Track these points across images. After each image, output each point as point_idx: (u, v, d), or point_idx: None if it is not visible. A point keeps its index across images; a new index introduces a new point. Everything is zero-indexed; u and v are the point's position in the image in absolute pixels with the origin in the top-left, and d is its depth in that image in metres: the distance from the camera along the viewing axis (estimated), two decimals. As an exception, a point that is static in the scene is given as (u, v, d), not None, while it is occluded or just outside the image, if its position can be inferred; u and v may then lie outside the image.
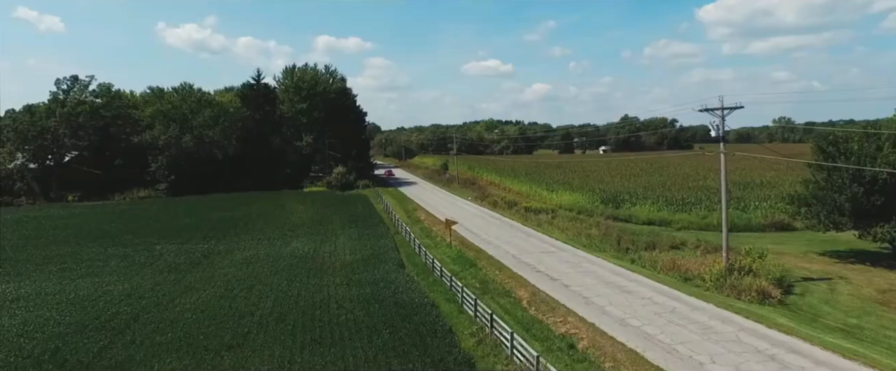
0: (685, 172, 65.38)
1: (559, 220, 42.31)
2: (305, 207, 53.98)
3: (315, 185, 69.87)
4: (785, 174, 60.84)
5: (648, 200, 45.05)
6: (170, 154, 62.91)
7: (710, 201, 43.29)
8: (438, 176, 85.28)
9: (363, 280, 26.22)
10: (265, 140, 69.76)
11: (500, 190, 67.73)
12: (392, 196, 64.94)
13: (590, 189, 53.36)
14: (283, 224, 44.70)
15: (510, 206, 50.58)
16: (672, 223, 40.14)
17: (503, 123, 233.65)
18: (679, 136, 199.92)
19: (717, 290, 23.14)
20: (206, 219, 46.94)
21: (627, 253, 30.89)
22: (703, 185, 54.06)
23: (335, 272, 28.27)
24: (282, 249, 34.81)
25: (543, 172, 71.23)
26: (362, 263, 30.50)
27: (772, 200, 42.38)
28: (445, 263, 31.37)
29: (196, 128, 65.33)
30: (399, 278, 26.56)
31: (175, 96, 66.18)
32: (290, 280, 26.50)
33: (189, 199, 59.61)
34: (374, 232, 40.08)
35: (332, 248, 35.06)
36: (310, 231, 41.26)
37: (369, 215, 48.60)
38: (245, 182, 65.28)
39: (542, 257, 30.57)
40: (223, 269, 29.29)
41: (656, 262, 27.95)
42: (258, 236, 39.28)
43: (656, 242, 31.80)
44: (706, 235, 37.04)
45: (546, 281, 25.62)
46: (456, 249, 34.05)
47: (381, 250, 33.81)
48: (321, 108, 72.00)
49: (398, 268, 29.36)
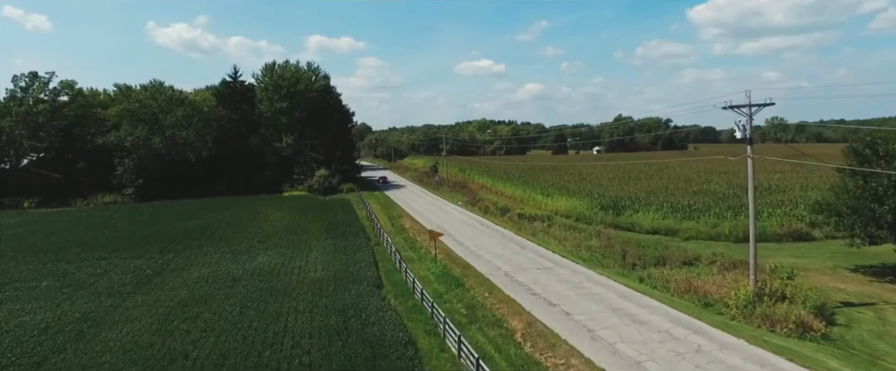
0: (686, 175, 62.11)
1: (556, 229, 38.73)
2: (281, 214, 50.03)
3: (296, 189, 65.87)
4: (791, 177, 57.74)
5: (652, 207, 41.59)
6: (138, 156, 58.56)
7: (718, 208, 39.91)
8: (428, 178, 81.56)
9: (330, 306, 22.44)
10: (242, 141, 65.63)
11: (491, 194, 64.10)
12: (377, 201, 61.11)
13: (587, 194, 49.87)
14: (253, 234, 40.77)
15: (502, 212, 46.98)
16: (679, 232, 36.70)
17: (496, 123, 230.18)
18: (673, 136, 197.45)
19: (745, 320, 19.61)
20: (170, 228, 42.87)
21: (634, 269, 27.35)
22: (707, 188, 50.76)
23: (300, 295, 24.45)
24: (246, 265, 30.94)
25: (537, 175, 67.72)
26: (333, 283, 26.72)
27: (786, 207, 39.07)
28: (428, 282, 27.68)
29: (167, 128, 61.04)
30: (373, 303, 22.80)
31: (144, 94, 61.78)
32: (244, 306, 22.66)
33: (157, 205, 55.42)
34: (352, 243, 36.28)
35: (303, 263, 31.24)
36: (281, 242, 37.38)
37: (350, 223, 44.77)
38: (220, 186, 61.11)
39: (537, 275, 26.93)
40: (171, 292, 25.38)
41: (669, 282, 24.41)
42: (223, 249, 35.35)
43: (666, 257, 28.27)
44: (717, 246, 33.71)
45: (543, 307, 21.97)
46: (441, 265, 30.33)
47: (357, 266, 30.05)
48: (303, 108, 67.98)
49: (374, 289, 25.60)
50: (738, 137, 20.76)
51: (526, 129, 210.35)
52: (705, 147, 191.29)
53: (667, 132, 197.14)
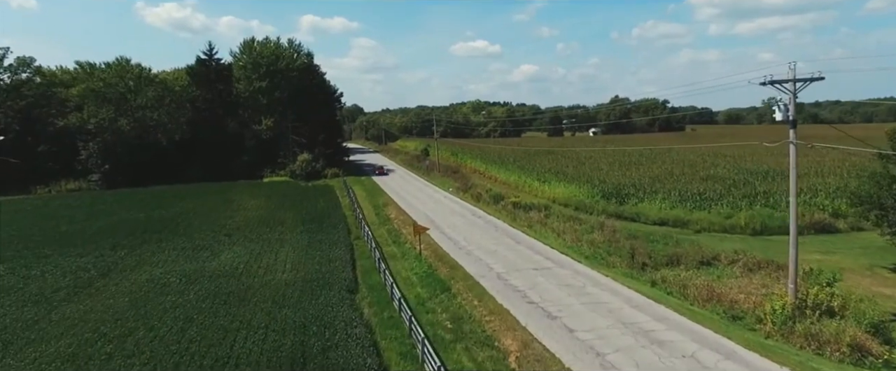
0: (691, 160, 58.72)
1: (553, 220, 35.33)
2: (258, 202, 46.34)
3: (277, 175, 62.03)
4: (802, 161, 54.34)
5: (658, 195, 38.20)
6: (103, 140, 54.30)
7: (731, 196, 36.59)
8: (418, 162, 77.79)
9: (291, 320, 18.99)
10: (219, 123, 61.42)
11: (485, 179, 60.56)
12: (362, 187, 57.45)
13: (587, 180, 46.42)
14: (223, 225, 37.14)
15: (496, 200, 43.49)
16: (689, 224, 33.39)
17: (490, 105, 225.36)
18: (671, 118, 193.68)
19: (784, 339, 16.35)
20: (131, 219, 39.13)
21: (644, 270, 24.03)
22: (714, 174, 47.39)
23: (259, 303, 20.98)
24: (206, 263, 27.42)
25: (533, 160, 64.14)
26: (302, 287, 23.28)
27: (805, 195, 35.75)
28: (411, 285, 24.30)
29: (137, 109, 56.71)
30: (342, 315, 19.39)
31: (108, 73, 57.15)
32: (188, 320, 19.16)
33: (124, 193, 51.46)
34: (330, 237, 32.75)
35: (271, 261, 27.74)
36: (252, 235, 33.80)
37: (330, 213, 41.17)
38: (195, 171, 57.11)
39: (534, 278, 23.54)
40: (110, 299, 21.85)
41: (686, 287, 21.10)
42: (183, 244, 31.75)
43: (680, 255, 24.93)
44: (733, 240, 30.45)
45: (542, 320, 18.61)
46: (426, 264, 26.91)
47: (331, 265, 26.60)
48: (284, 88, 63.66)
49: (347, 294, 22.18)
50: (778, 119, 17.19)
51: (521, 110, 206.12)
52: (702, 129, 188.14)
53: (664, 114, 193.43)
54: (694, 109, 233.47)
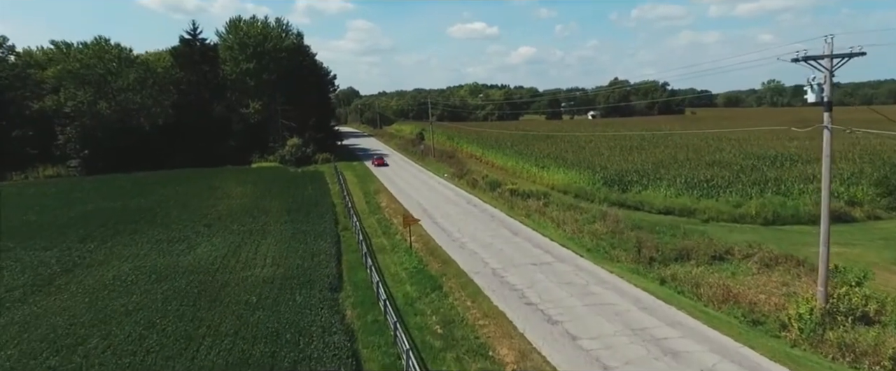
0: (695, 144, 56.70)
1: (553, 209, 33.44)
2: (243, 190, 44.26)
3: (266, 160, 59.81)
4: (810, 145, 52.41)
5: (663, 182, 36.27)
6: (82, 124, 51.83)
7: (740, 183, 34.70)
8: (413, 147, 75.61)
9: (266, 325, 17.16)
10: (205, 107, 58.93)
11: (481, 165, 58.55)
12: (354, 173, 55.37)
13: (587, 166, 44.43)
14: (204, 214, 35.14)
15: (493, 187, 41.54)
16: (697, 213, 31.56)
17: (488, 88, 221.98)
18: (670, 101, 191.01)
19: (813, 348, 14.58)
20: (107, 208, 37.06)
21: (652, 266, 22.20)
22: (719, 159, 45.42)
23: (231, 305, 19.12)
24: (181, 258, 25.51)
25: (532, 144, 62.00)
26: (281, 285, 21.43)
27: (817, 182, 33.77)
28: (400, 282, 22.47)
29: (117, 92, 54.15)
30: (321, 319, 17.56)
31: (86, 54, 54.35)
32: (149, 325, 17.29)
33: (104, 180, 49.23)
34: (316, 228, 30.82)
35: (251, 255, 25.85)
36: (233, 225, 31.84)
37: (318, 201, 39.17)
38: (180, 157, 54.86)
39: (533, 274, 21.70)
40: (69, 300, 19.96)
41: (699, 286, 19.29)
42: (159, 235, 29.78)
43: (690, 249, 23.09)
44: (743, 231, 28.69)
45: (541, 325, 16.80)
46: (417, 259, 25.03)
47: (315, 259, 24.74)
48: (272, 69, 61.05)
49: (329, 294, 20.35)
50: (810, 100, 15.14)
51: (519, 93, 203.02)
52: (702, 112, 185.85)
53: (664, 97, 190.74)
54: (694, 92, 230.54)
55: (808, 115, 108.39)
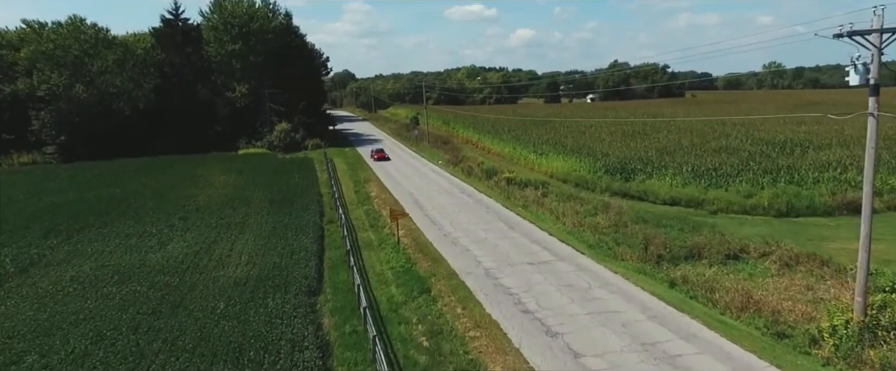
0: (699, 129, 54.53)
1: (552, 200, 31.52)
2: (227, 178, 42.15)
3: (254, 146, 57.56)
4: (819, 129, 50.45)
5: (668, 170, 34.24)
6: (57, 108, 49.36)
7: (750, 171, 32.68)
8: (408, 132, 73.32)
9: (229, 338, 15.29)
10: (188, 90, 56.42)
11: (477, 151, 56.43)
12: (345, 159, 53.23)
13: (588, 152, 42.32)
14: (182, 205, 33.12)
15: (489, 175, 39.52)
16: (704, 203, 29.60)
17: (486, 70, 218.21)
18: (670, 84, 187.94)
19: (851, 368, 12.72)
20: (78, 199, 34.98)
21: (660, 265, 20.32)
22: (726, 145, 43.31)
23: (194, 312, 17.23)
24: (149, 255, 23.58)
25: (530, 130, 59.76)
26: (254, 286, 19.56)
27: (832, 169, 31.92)
28: (385, 283, 20.59)
29: (95, 75, 51.56)
30: (294, 329, 15.72)
31: (60, 34, 51.55)
32: (98, 337, 15.42)
33: (81, 167, 47.04)
34: (299, 220, 28.86)
35: (226, 252, 23.92)
36: (211, 218, 29.85)
37: (304, 190, 37.13)
38: (163, 143, 52.56)
39: (530, 276, 19.80)
40: (13, 307, 18.09)
41: (713, 290, 17.41)
42: (131, 229, 27.79)
43: (702, 247, 21.18)
44: (755, 223, 26.79)
45: (539, 338, 14.94)
46: (404, 256, 23.10)
47: (295, 257, 22.85)
48: (259, 51, 58.43)
49: (305, 298, 18.49)
50: (853, 83, 13.06)
51: (517, 76, 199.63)
52: (703, 94, 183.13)
53: (664, 80, 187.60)
54: (694, 75, 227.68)
55: (811, 98, 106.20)
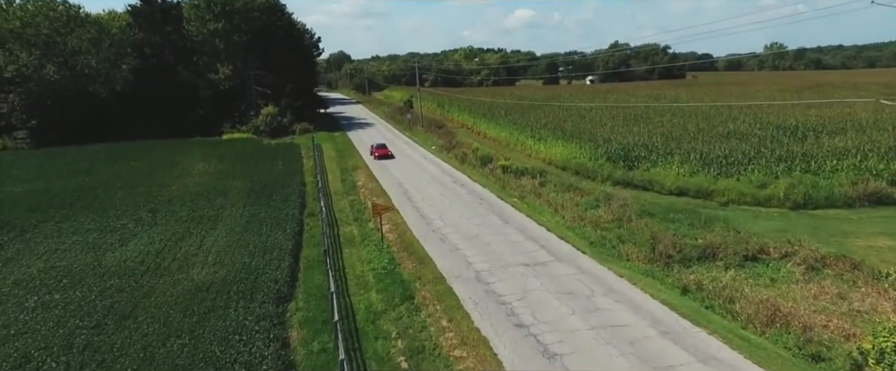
0: (705, 112, 52.15)
1: (550, 190, 29.38)
2: (206, 166, 39.78)
3: (239, 131, 55.06)
4: (830, 112, 48.10)
5: (674, 158, 31.99)
6: (27, 90, 46.66)
7: (763, 159, 30.46)
8: (402, 115, 70.71)
9: (175, 362, 13.22)
10: (169, 72, 53.64)
11: (472, 136, 54.06)
12: (334, 145, 50.85)
13: (589, 138, 39.99)
14: (153, 196, 30.84)
15: (483, 162, 37.27)
16: (714, 194, 27.48)
17: (484, 52, 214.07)
18: (671, 66, 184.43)
19: (903, 403, 10.70)
20: (42, 189, 32.65)
21: (670, 267, 18.29)
22: (734, 130, 41.01)
23: (146, 325, 15.18)
24: (107, 254, 21.42)
25: (527, 113, 57.27)
26: (217, 292, 17.49)
27: (852, 157, 29.71)
28: (364, 288, 18.57)
29: (69, 55, 48.72)
30: (254, 348, 13.74)
31: (27, 11, 48.48)
32: (24, 359, 13.37)
33: (53, 153, 44.54)
34: (277, 213, 26.64)
35: (193, 250, 21.78)
36: (182, 211, 27.62)
37: (287, 180, 34.82)
38: (143, 127, 50.03)
39: (525, 281, 17.72)
40: (-58, 319, 15.85)
41: (732, 299, 15.38)
42: (93, 223, 25.55)
43: (716, 247, 19.12)
44: (770, 216, 24.79)
45: (535, 360, 12.93)
46: (388, 256, 20.98)
47: (268, 256, 20.74)
48: (244, 30, 55.54)
49: (273, 307, 16.45)
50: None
51: (515, 57, 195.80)
52: (704, 76, 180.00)
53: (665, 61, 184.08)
54: (694, 56, 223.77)
55: (815, 80, 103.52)
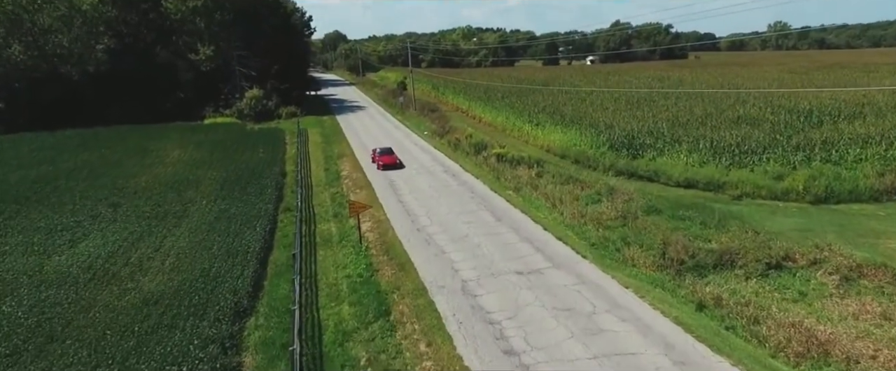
0: (712, 96, 49.45)
1: (547, 182, 27.09)
2: (182, 153, 37.31)
3: (222, 115, 52.43)
4: (848, 96, 45.49)
5: (682, 146, 29.56)
6: (-9, 72, 43.95)
7: (778, 147, 28.05)
8: (394, 98, 67.96)
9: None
10: (146, 52, 50.74)
11: (467, 120, 51.52)
12: (321, 131, 48.29)
13: (589, 123, 37.47)
14: (118, 188, 28.50)
15: (477, 150, 34.87)
16: (726, 187, 25.21)
17: (482, 31, 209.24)
18: (673, 46, 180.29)
19: None
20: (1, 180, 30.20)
21: (682, 275, 16.13)
22: (745, 115, 38.46)
23: (67, 354, 13.04)
24: (54, 257, 19.28)
25: (525, 97, 54.53)
26: (166, 306, 15.36)
27: (876, 145, 27.32)
28: (336, 300, 16.47)
29: (38, 34, 45.83)
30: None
31: (-11, -14, 45.46)
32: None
33: (20, 139, 41.88)
34: (249, 209, 24.35)
35: (150, 252, 19.58)
36: (148, 205, 25.35)
37: (265, 169, 32.40)
38: (119, 111, 47.36)
39: (518, 293, 15.52)
40: None
41: (758, 320, 13.24)
42: (45, 220, 23.30)
43: (734, 253, 16.89)
44: (788, 212, 22.61)
45: (527, 404, 10.73)
46: (366, 260, 18.74)
47: (232, 260, 18.58)
48: (227, 8, 52.51)
49: (228, 325, 14.38)
50: None
51: (515, 36, 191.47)
52: (706, 56, 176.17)
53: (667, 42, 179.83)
54: (697, 35, 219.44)
55: (825, 60, 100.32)
